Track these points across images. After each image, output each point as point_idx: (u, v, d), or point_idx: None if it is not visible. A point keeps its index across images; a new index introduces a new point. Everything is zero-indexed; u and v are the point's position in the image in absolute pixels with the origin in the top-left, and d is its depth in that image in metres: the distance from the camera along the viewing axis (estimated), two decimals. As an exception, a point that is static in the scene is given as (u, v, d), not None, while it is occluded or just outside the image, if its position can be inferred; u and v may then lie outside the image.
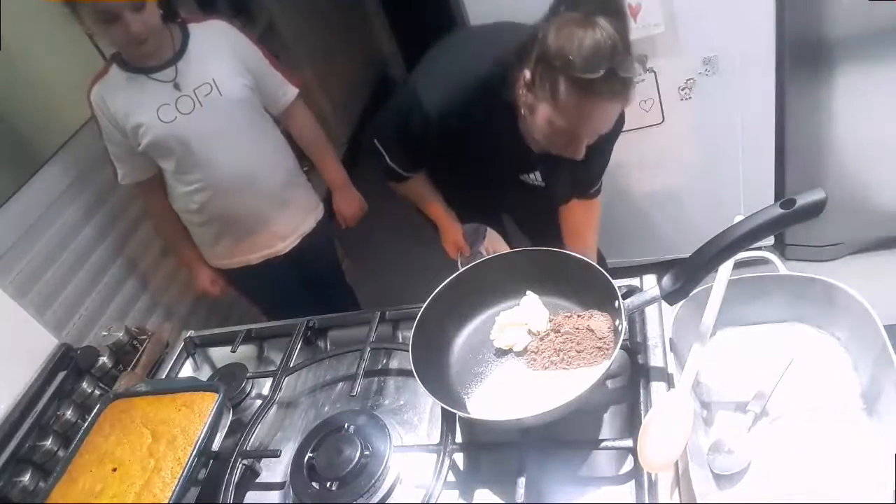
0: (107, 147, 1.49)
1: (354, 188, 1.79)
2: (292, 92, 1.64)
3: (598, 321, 0.90)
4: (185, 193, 1.53)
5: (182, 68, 1.43)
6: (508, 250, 1.34)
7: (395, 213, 1.77)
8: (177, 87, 1.42)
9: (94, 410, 1.05)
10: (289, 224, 1.67)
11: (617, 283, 0.90)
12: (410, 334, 0.92)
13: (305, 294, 1.83)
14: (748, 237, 0.73)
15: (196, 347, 1.26)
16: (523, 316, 0.94)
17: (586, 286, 0.92)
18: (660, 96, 1.83)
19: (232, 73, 1.48)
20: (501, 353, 0.94)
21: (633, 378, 0.88)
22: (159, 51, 1.41)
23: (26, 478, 1.01)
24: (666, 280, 0.81)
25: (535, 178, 1.38)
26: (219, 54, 1.48)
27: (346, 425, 0.92)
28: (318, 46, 3.35)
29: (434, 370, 0.91)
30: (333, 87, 3.42)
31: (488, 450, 0.89)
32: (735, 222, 0.75)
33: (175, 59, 1.43)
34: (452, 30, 1.85)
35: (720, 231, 0.76)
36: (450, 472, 0.85)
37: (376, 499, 0.85)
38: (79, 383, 1.14)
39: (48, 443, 1.05)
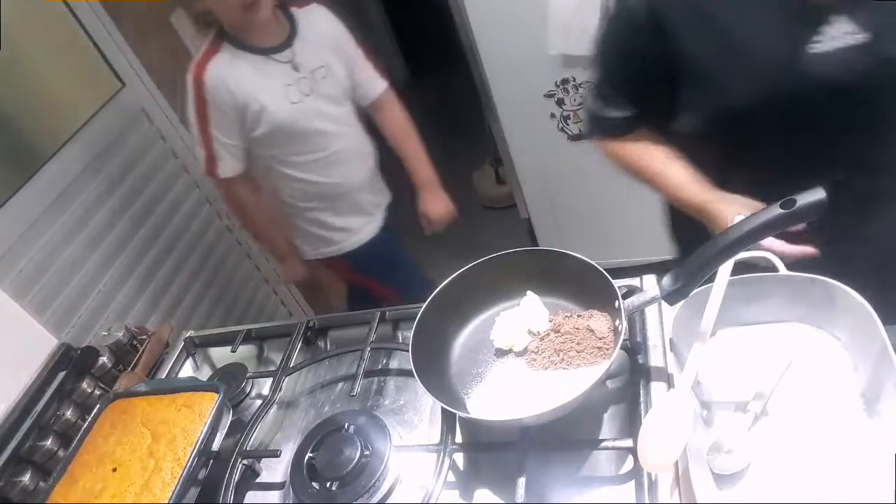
0: (210, 136, 1.41)
1: (442, 189, 1.74)
2: (382, 84, 1.61)
3: (598, 321, 0.90)
4: (290, 178, 1.51)
5: (298, 49, 1.40)
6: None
7: (396, 213, 1.77)
8: (295, 67, 1.38)
9: (94, 410, 1.05)
10: (381, 195, 1.71)
11: (617, 283, 0.90)
12: (410, 334, 0.92)
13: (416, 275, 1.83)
14: (748, 237, 0.73)
15: (196, 347, 1.26)
16: (523, 316, 0.94)
17: (586, 286, 0.92)
18: (660, 96, 1.83)
19: (341, 60, 1.47)
20: (501, 353, 0.94)
21: (633, 378, 0.88)
22: (272, 30, 1.37)
23: (26, 478, 1.01)
24: (666, 280, 0.81)
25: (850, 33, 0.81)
26: (326, 38, 1.46)
27: (346, 425, 0.92)
28: None
29: (434, 370, 0.91)
30: (333, 87, 3.41)
31: (488, 450, 0.89)
32: (735, 222, 0.75)
33: (289, 40, 1.40)
34: (452, 30, 1.85)
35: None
36: (450, 472, 0.85)
37: (376, 499, 0.85)
38: (79, 383, 1.14)
39: (48, 443, 1.05)
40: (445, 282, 0.98)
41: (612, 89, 1.00)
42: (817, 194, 0.70)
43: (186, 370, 1.23)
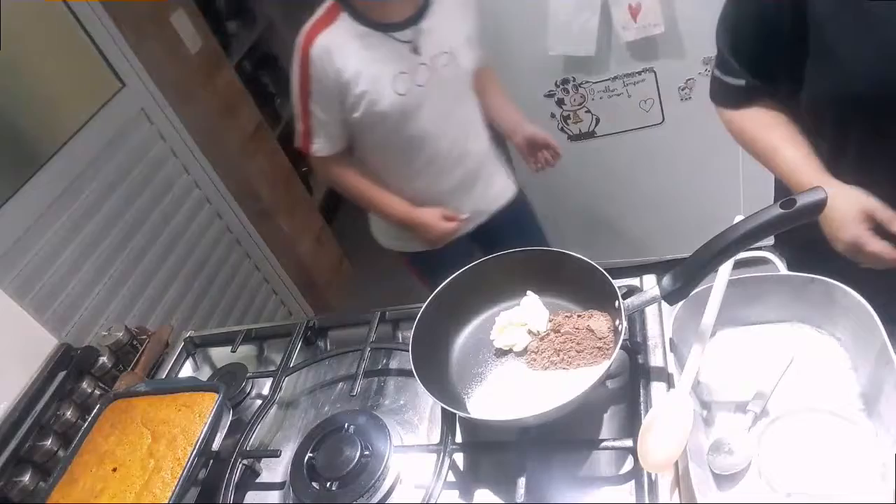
0: (310, 111, 1.27)
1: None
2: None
3: (598, 321, 0.90)
4: (386, 166, 1.37)
5: (424, 30, 1.22)
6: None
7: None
8: (415, 51, 1.22)
9: (94, 410, 1.05)
10: (480, 202, 1.48)
11: (617, 283, 0.90)
12: (410, 334, 0.92)
13: None
14: (748, 237, 0.73)
15: (196, 347, 1.26)
16: (523, 316, 0.94)
17: (586, 286, 0.92)
18: (660, 96, 1.83)
19: (470, 42, 1.30)
20: (501, 353, 0.94)
21: (633, 378, 0.88)
22: (399, 3, 1.21)
23: (26, 478, 1.01)
24: (666, 280, 0.81)
25: None
26: (463, 15, 1.28)
27: (346, 425, 0.92)
28: None
29: (434, 370, 0.91)
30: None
31: (488, 450, 0.89)
32: (735, 222, 0.75)
33: (417, 17, 1.22)
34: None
35: (720, 231, 0.76)
36: (450, 472, 0.85)
37: (376, 499, 0.85)
38: (79, 383, 1.14)
39: (48, 443, 1.05)
40: (445, 282, 0.98)
41: (735, 56, 0.94)
42: (817, 194, 0.70)
43: (186, 370, 1.23)
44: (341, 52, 1.20)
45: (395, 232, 1.52)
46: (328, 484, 0.87)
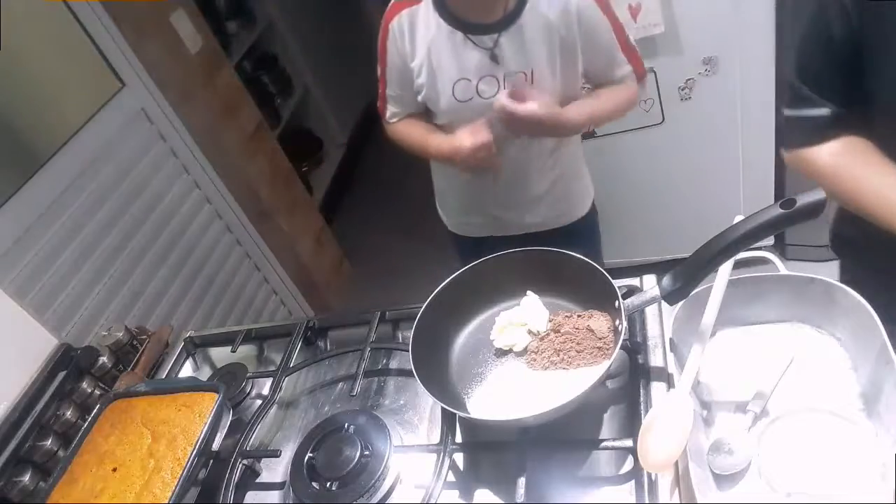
0: (385, 80, 1.25)
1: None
2: (627, 75, 1.26)
3: (598, 321, 0.90)
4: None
5: (506, 41, 1.13)
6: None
7: (396, 213, 1.77)
8: (494, 58, 1.13)
9: (94, 410, 1.05)
10: (530, 216, 1.38)
11: (617, 283, 0.90)
12: (410, 334, 0.92)
13: None
14: (748, 237, 0.73)
15: (196, 347, 1.26)
16: (523, 316, 0.94)
17: (586, 286, 0.92)
18: (660, 96, 1.83)
19: (556, 65, 1.17)
20: (501, 353, 0.94)
21: (633, 378, 0.88)
22: (487, 5, 1.11)
23: (26, 478, 1.01)
24: (666, 280, 0.81)
25: None
26: (554, 38, 1.15)
27: (346, 425, 0.92)
28: (318, 46, 3.35)
29: (434, 370, 0.91)
30: (333, 87, 3.42)
31: (488, 450, 0.89)
32: (735, 222, 0.75)
33: (503, 25, 1.12)
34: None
35: (720, 231, 0.76)
36: (450, 472, 0.85)
37: (376, 499, 0.85)
38: (79, 383, 1.14)
39: (48, 443, 1.05)
40: (445, 282, 0.98)
41: (808, 84, 0.89)
42: (817, 194, 0.70)
43: (186, 370, 1.23)
44: (414, 36, 1.15)
45: (447, 210, 1.47)
46: (328, 484, 0.87)
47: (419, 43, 1.16)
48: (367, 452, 0.88)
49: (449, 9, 1.13)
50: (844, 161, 0.87)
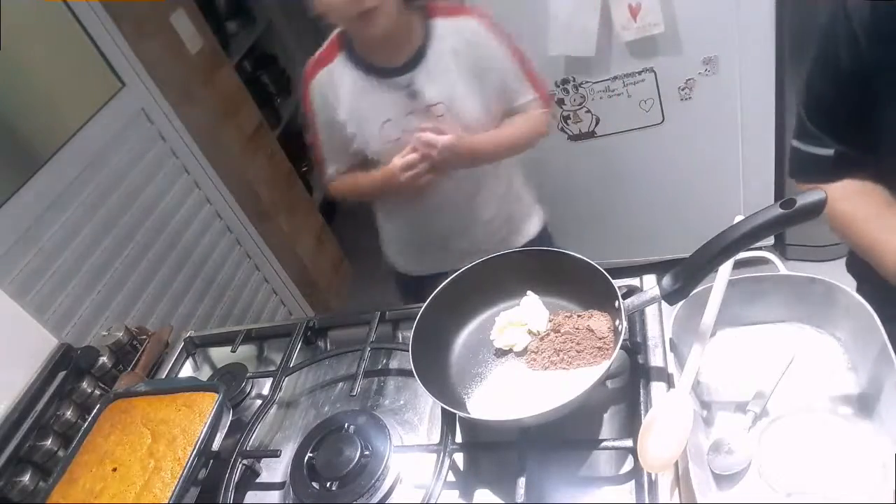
0: (319, 139, 1.29)
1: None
2: (529, 96, 1.31)
3: (598, 321, 0.90)
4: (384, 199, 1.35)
5: (419, 77, 1.19)
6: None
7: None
8: (411, 95, 1.19)
9: (94, 410, 1.05)
10: (480, 242, 1.39)
11: (617, 283, 0.90)
12: (410, 334, 0.92)
13: None
14: (748, 237, 0.73)
15: (196, 347, 1.26)
16: (523, 316, 0.94)
17: (586, 286, 0.92)
18: (660, 96, 1.83)
19: (472, 94, 1.23)
20: (501, 353, 0.94)
21: (633, 378, 0.88)
22: (395, 49, 1.18)
23: (26, 478, 1.01)
24: (666, 280, 0.81)
25: None
26: (463, 66, 1.21)
27: (346, 425, 0.92)
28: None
29: (434, 370, 0.91)
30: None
31: (488, 450, 0.89)
32: (735, 222, 0.75)
33: (413, 64, 1.19)
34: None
35: (720, 231, 0.76)
36: (450, 472, 0.85)
37: (376, 499, 0.85)
38: (79, 383, 1.14)
39: (48, 443, 1.05)
40: (445, 282, 0.98)
41: (815, 122, 0.87)
42: (817, 194, 0.70)
43: (186, 370, 1.23)
44: (336, 91, 1.22)
45: (402, 255, 1.50)
46: (328, 484, 0.87)
47: (341, 96, 1.22)
48: (367, 452, 0.88)
49: (362, 59, 1.20)
50: (847, 206, 0.85)
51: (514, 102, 1.30)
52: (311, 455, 0.90)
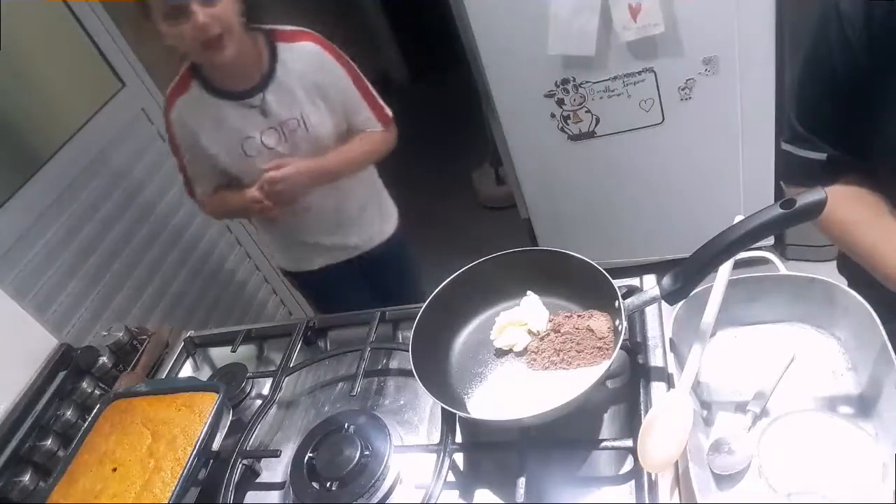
0: (186, 165, 1.39)
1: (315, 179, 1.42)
2: (377, 126, 1.44)
3: (598, 321, 0.90)
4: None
5: (270, 95, 1.30)
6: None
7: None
8: (264, 113, 1.30)
9: (94, 410, 1.05)
10: (347, 238, 1.56)
11: (617, 283, 0.90)
12: (410, 334, 0.92)
13: (371, 303, 1.71)
14: (748, 237, 0.73)
15: (196, 347, 1.26)
16: (523, 316, 0.94)
17: (586, 286, 0.92)
18: (660, 96, 1.83)
19: (321, 109, 1.35)
20: (501, 353, 0.94)
21: (633, 378, 0.88)
22: (245, 71, 1.28)
23: (26, 478, 1.01)
24: (666, 280, 0.81)
25: None
26: (310, 86, 1.33)
27: (346, 425, 0.92)
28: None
29: (434, 370, 0.91)
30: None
31: (488, 450, 0.89)
32: (735, 222, 0.75)
33: (263, 84, 1.30)
34: (452, 30, 1.84)
35: (720, 231, 0.76)
36: (450, 472, 0.85)
37: (376, 499, 0.85)
38: (79, 383, 1.14)
39: (48, 443, 1.05)
40: (445, 282, 0.98)
41: (806, 125, 0.86)
42: (817, 194, 0.70)
43: (186, 370, 1.23)
44: (194, 118, 1.31)
45: (276, 251, 1.65)
46: (328, 484, 0.87)
47: (200, 122, 1.31)
48: (367, 452, 0.88)
49: (215, 86, 1.30)
50: (841, 211, 0.83)
51: (354, 121, 1.43)
52: (311, 455, 0.90)
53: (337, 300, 1.67)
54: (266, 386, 1.09)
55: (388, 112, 1.46)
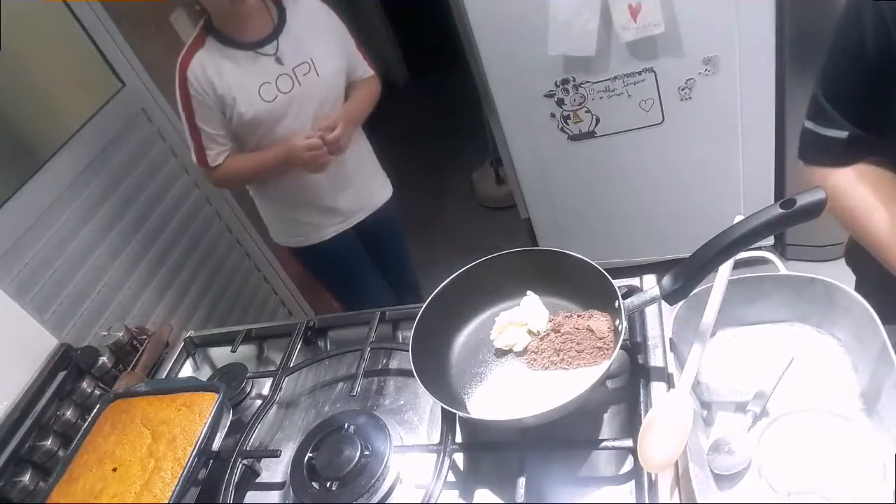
0: (198, 128, 1.44)
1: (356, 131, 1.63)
2: (369, 72, 1.62)
3: (598, 321, 0.90)
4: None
5: (283, 43, 1.41)
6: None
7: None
8: (279, 61, 1.41)
9: (94, 410, 1.05)
10: (357, 200, 1.67)
11: (617, 283, 0.90)
12: (410, 334, 0.92)
13: (374, 274, 1.82)
14: (748, 237, 0.73)
15: (196, 347, 1.26)
16: (523, 316, 0.94)
17: (586, 286, 0.92)
18: (660, 96, 1.83)
19: (327, 54, 1.48)
20: (501, 353, 0.94)
21: (633, 378, 0.88)
22: (259, 22, 1.39)
23: (26, 478, 1.01)
24: (666, 280, 0.81)
25: None
26: (315, 32, 1.46)
27: (346, 425, 0.92)
28: None
29: (434, 370, 0.91)
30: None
31: (488, 450, 0.89)
32: (735, 222, 0.75)
33: (276, 32, 1.41)
34: (452, 30, 1.85)
35: (720, 231, 0.76)
36: (450, 472, 0.85)
37: (376, 499, 0.85)
38: (79, 383, 1.14)
39: (48, 443, 1.05)
40: (445, 282, 0.98)
41: (831, 101, 0.83)
42: (817, 194, 0.70)
43: (186, 370, 1.23)
44: (212, 68, 1.38)
45: (284, 228, 1.71)
46: (328, 484, 0.87)
47: (219, 72, 1.38)
48: (367, 452, 0.88)
49: (231, 39, 1.39)
50: (854, 193, 0.82)
51: (352, 65, 1.57)
52: (311, 455, 0.90)
53: (343, 270, 1.75)
54: (266, 386, 1.09)
55: (372, 63, 1.64)
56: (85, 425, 1.02)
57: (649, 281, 0.98)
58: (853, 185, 0.82)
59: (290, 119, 1.46)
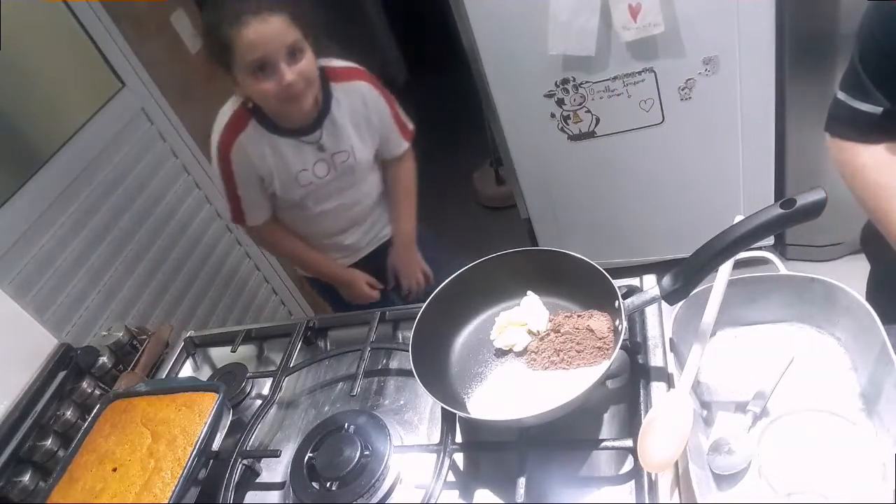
0: (240, 197, 1.43)
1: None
2: (404, 146, 1.56)
3: (598, 321, 0.90)
4: (293, 222, 1.55)
5: (326, 130, 1.38)
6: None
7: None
8: (321, 148, 1.39)
9: (94, 410, 1.05)
10: (366, 236, 1.63)
11: (617, 283, 0.90)
12: (410, 334, 0.92)
13: (387, 300, 1.78)
14: (748, 237, 0.73)
15: (196, 347, 1.26)
16: (523, 316, 0.94)
17: (586, 286, 0.92)
18: (660, 96, 1.83)
19: (366, 140, 1.45)
20: (501, 353, 0.94)
21: (633, 378, 0.88)
22: (305, 113, 1.34)
23: (26, 478, 1.01)
24: (666, 280, 0.81)
25: None
26: (357, 120, 1.43)
27: (346, 425, 0.92)
28: (318, 49, 3.35)
29: (434, 370, 0.91)
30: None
31: (488, 450, 0.89)
32: (735, 222, 0.75)
33: (320, 119, 1.37)
34: (452, 30, 1.84)
35: (720, 231, 0.76)
36: (450, 472, 0.85)
37: (376, 499, 0.85)
38: (79, 383, 1.14)
39: (48, 443, 1.05)
40: (445, 282, 0.98)
41: (868, 72, 0.79)
42: (817, 194, 0.70)
43: (186, 370, 1.23)
44: (256, 154, 1.36)
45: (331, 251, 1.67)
46: (328, 484, 0.87)
47: (262, 157, 1.37)
48: (367, 452, 0.88)
49: (278, 126, 1.35)
50: (887, 169, 0.79)
51: (386, 142, 1.52)
52: (311, 455, 0.90)
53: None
54: (266, 386, 1.09)
55: (410, 125, 1.55)
56: (85, 425, 1.02)
57: (649, 281, 0.98)
58: (887, 162, 0.78)
59: (321, 200, 1.47)
